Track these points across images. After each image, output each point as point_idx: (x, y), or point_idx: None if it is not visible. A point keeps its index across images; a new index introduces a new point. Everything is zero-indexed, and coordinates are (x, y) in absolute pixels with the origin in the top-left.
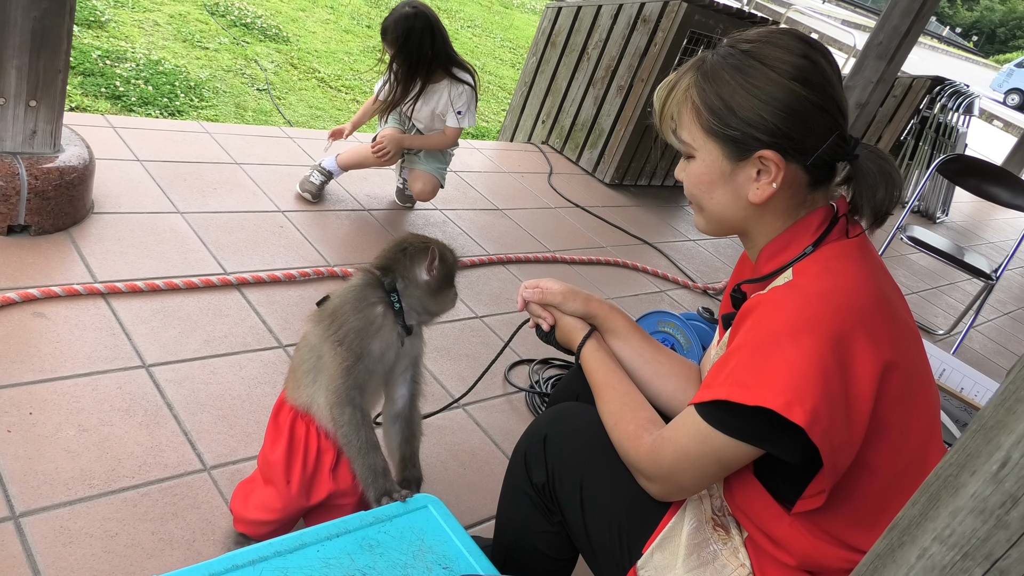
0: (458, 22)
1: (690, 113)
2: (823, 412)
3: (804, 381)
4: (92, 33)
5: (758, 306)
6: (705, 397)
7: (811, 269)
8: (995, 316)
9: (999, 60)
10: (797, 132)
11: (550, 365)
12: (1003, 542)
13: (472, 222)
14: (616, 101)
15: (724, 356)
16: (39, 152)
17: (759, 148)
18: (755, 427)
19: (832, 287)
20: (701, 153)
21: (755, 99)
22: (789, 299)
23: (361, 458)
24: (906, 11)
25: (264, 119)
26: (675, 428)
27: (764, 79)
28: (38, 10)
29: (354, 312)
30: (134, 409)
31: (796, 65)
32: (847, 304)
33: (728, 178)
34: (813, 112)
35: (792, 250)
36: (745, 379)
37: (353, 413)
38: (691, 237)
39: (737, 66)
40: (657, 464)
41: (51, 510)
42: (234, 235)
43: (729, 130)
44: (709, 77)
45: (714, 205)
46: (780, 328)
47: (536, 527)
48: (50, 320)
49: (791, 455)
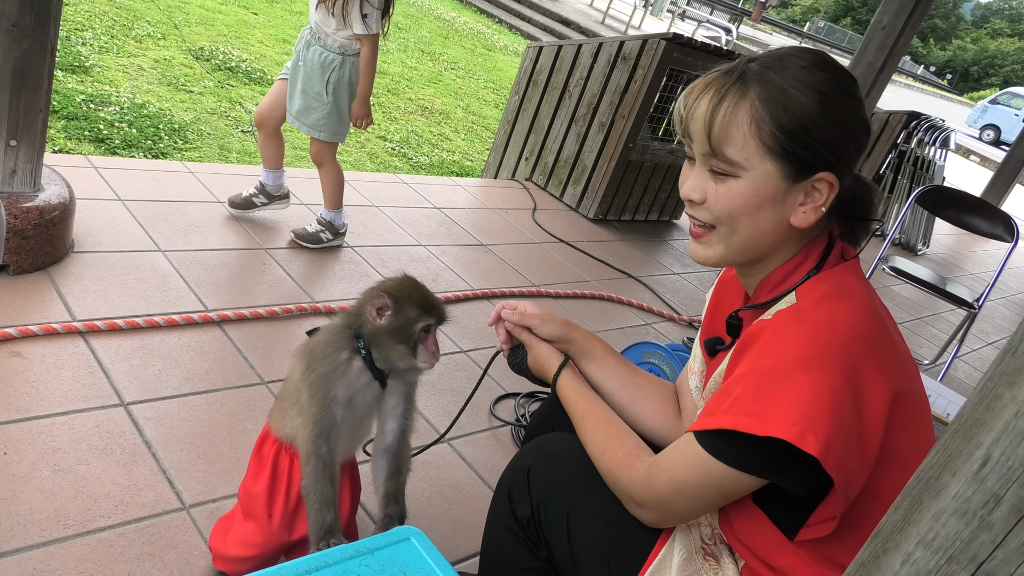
0: (442, 64)
1: (748, 129)
2: (836, 442)
3: (816, 411)
4: (76, 78)
5: (763, 333)
6: (708, 425)
7: (814, 293)
8: (979, 346)
9: (973, 97)
10: (853, 154)
11: (536, 398)
12: (987, 543)
13: (456, 258)
14: (598, 137)
15: (727, 384)
16: (19, 191)
17: (822, 170)
18: (762, 459)
19: (838, 315)
20: (753, 173)
21: (828, 118)
22: (796, 327)
23: (315, 512)
24: (880, 48)
25: (248, 160)
26: (672, 456)
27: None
28: (19, 50)
29: (322, 357)
30: (111, 448)
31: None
32: (855, 332)
33: (778, 200)
34: (861, 131)
35: (797, 275)
36: (752, 408)
37: (316, 465)
38: (675, 271)
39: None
40: (651, 492)
41: (24, 552)
42: (216, 272)
43: (798, 149)
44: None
45: (754, 229)
46: (789, 358)
47: (522, 563)
48: (27, 359)
49: (799, 486)
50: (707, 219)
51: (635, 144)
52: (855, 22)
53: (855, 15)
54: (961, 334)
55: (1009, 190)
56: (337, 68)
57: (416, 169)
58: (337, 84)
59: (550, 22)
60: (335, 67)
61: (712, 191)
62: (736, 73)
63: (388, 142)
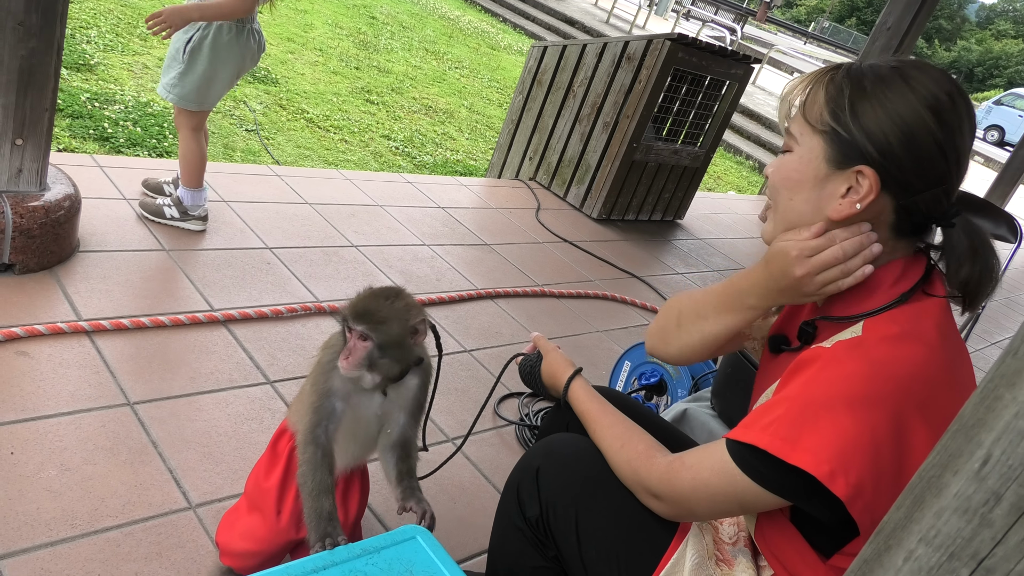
0: (446, 63)
1: (812, 106)
2: (868, 487)
3: (854, 451)
4: (81, 76)
5: (818, 359)
6: (742, 437)
7: (883, 330)
8: (982, 346)
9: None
10: (907, 163)
11: (540, 398)
12: (988, 541)
13: (460, 257)
14: (602, 137)
15: (771, 401)
16: (25, 190)
17: (862, 162)
18: (790, 484)
19: (901, 359)
20: (802, 148)
21: (882, 110)
22: (853, 362)
23: (311, 500)
24: (885, 48)
25: (252, 159)
26: (699, 456)
27: (899, 96)
28: (25, 49)
29: (329, 347)
30: (118, 448)
31: (937, 96)
32: (912, 379)
33: (818, 183)
34: (932, 151)
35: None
36: (789, 434)
37: (314, 452)
38: (679, 270)
39: (881, 77)
40: (671, 486)
41: (32, 552)
42: (221, 272)
43: (843, 131)
44: (849, 79)
45: (791, 208)
46: (838, 393)
47: (530, 562)
48: (33, 359)
49: (824, 515)
50: (768, 190)
51: (639, 144)
52: (860, 22)
53: (860, 15)
54: (964, 334)
55: (1013, 191)
56: (201, 28)
57: (420, 168)
58: (196, 45)
59: (555, 21)
60: (199, 27)
61: (774, 165)
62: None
63: (392, 141)
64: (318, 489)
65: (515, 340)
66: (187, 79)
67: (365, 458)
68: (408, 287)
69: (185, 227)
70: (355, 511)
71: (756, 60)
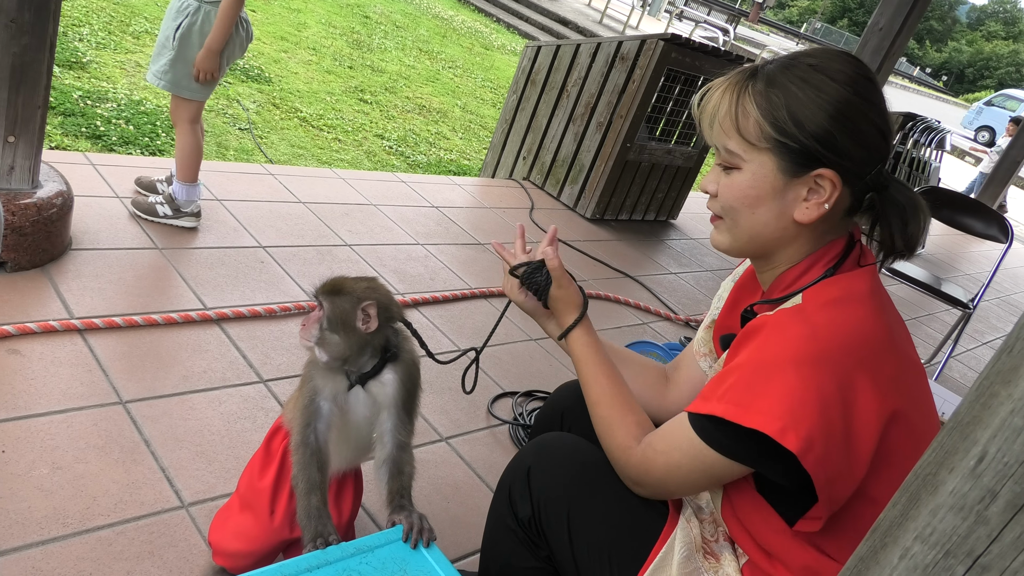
0: (440, 63)
1: (745, 123)
2: (818, 441)
3: (802, 408)
4: (73, 74)
5: (764, 327)
6: (701, 409)
7: (821, 297)
8: (974, 345)
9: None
10: (856, 152)
11: (533, 397)
12: (984, 538)
13: (454, 256)
14: (596, 137)
15: (723, 371)
16: (17, 188)
17: (820, 166)
18: (748, 449)
19: (840, 320)
20: (751, 165)
21: (821, 112)
22: (796, 326)
23: (302, 499)
24: (877, 49)
25: (246, 157)
26: (668, 439)
27: (831, 91)
28: (18, 46)
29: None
30: (110, 446)
31: (855, 79)
32: (854, 339)
33: (777, 194)
34: (872, 132)
35: (810, 275)
36: (742, 399)
37: (304, 453)
38: (672, 270)
39: (804, 78)
40: (648, 474)
41: (23, 550)
42: (214, 270)
43: (792, 143)
44: (773, 87)
45: (754, 221)
46: (784, 355)
47: (522, 562)
48: (25, 357)
49: (783, 478)
50: (716, 210)
51: (632, 144)
52: (852, 23)
53: (852, 16)
54: (956, 334)
55: (1004, 191)
56: (190, 15)
57: (413, 168)
58: (186, 32)
59: (548, 21)
60: (188, 13)
61: (715, 182)
62: (748, 71)
63: (385, 140)
64: (307, 487)
65: (509, 339)
66: (178, 65)
67: (359, 461)
68: (402, 286)
69: (179, 224)
70: (349, 511)
71: (749, 60)
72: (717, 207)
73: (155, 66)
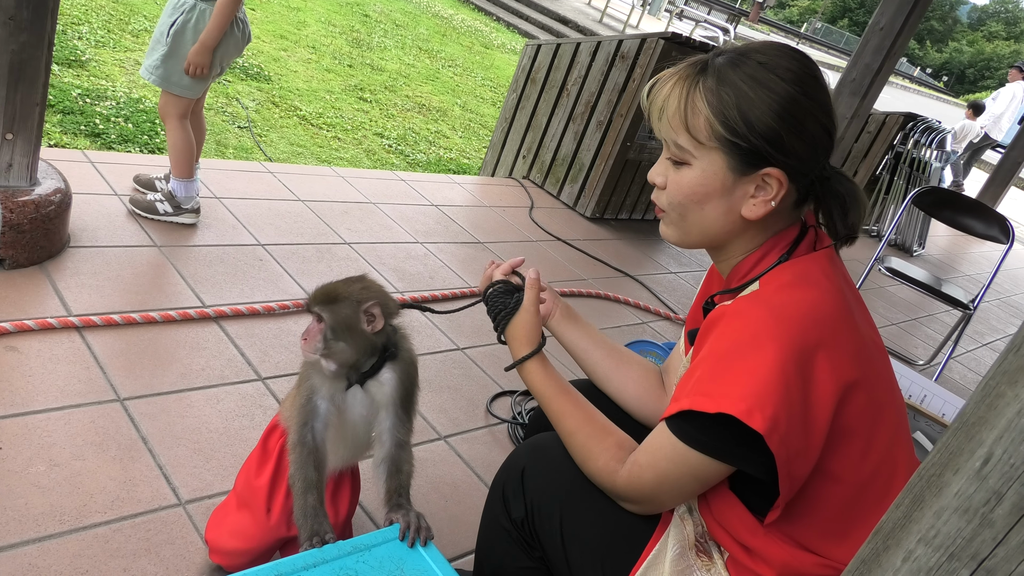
0: (439, 61)
1: (695, 120)
2: (782, 419)
3: (765, 388)
4: (72, 72)
5: (723, 317)
6: (673, 410)
7: (777, 281)
8: (974, 346)
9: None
10: (803, 150)
11: (532, 396)
12: (989, 541)
13: (454, 255)
14: (596, 136)
15: (690, 368)
16: (15, 185)
17: (768, 165)
18: (720, 440)
19: (796, 299)
20: (701, 163)
21: (773, 114)
22: (753, 310)
23: (299, 497)
24: (877, 49)
25: (245, 155)
26: (651, 451)
27: (782, 92)
28: (16, 43)
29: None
30: (107, 443)
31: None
32: (810, 317)
33: (726, 192)
34: (818, 129)
35: (765, 263)
36: (708, 388)
37: (301, 452)
38: (672, 269)
39: (755, 76)
40: (638, 491)
41: (19, 547)
42: (213, 268)
43: (742, 143)
44: (724, 84)
45: (702, 217)
46: (744, 339)
47: (516, 563)
48: (22, 354)
49: (756, 469)
50: (662, 204)
51: (632, 143)
52: (852, 23)
53: (852, 16)
54: (956, 335)
55: (1005, 192)
56: (186, 12)
57: (413, 166)
58: (180, 29)
59: (548, 20)
60: (184, 10)
61: (662, 175)
62: (699, 65)
63: (385, 139)
64: (303, 486)
65: None
66: (170, 61)
67: (357, 460)
68: (401, 284)
69: (179, 221)
70: (346, 510)
71: None
72: (664, 201)
73: (148, 60)
